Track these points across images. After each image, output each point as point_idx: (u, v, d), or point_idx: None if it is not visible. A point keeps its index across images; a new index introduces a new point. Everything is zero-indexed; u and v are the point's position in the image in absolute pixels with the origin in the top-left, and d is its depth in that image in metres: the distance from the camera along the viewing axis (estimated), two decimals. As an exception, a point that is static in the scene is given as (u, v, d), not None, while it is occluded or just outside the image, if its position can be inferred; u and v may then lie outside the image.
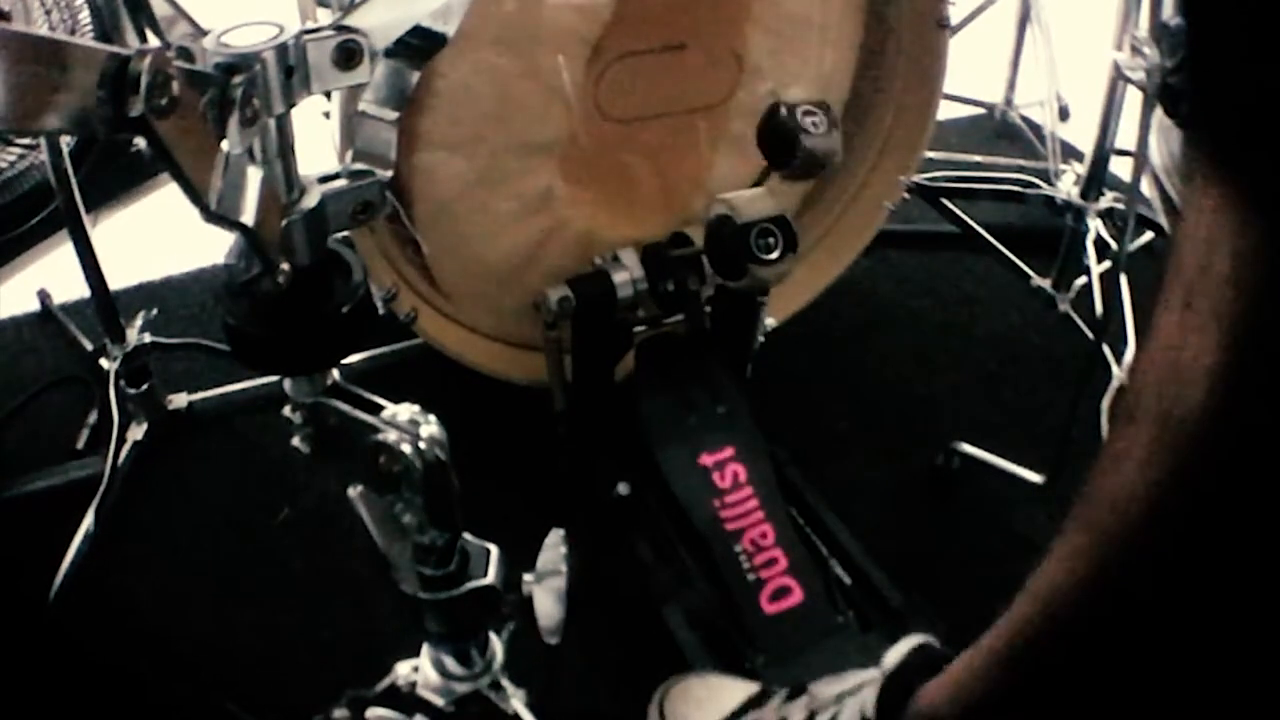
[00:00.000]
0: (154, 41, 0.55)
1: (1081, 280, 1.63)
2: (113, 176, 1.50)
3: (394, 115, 0.64)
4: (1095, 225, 1.67)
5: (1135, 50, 1.40)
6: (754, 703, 0.98)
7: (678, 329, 1.29)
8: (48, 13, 1.37)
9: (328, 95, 0.84)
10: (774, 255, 1.14)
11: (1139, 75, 1.37)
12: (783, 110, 1.12)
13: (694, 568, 1.15)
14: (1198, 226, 0.54)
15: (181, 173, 0.49)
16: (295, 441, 0.69)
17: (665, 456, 1.19)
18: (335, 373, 0.67)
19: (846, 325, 1.66)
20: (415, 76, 0.64)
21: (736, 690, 1.01)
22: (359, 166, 0.64)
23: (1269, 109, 0.52)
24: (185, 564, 1.28)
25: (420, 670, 0.82)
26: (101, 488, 1.32)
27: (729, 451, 1.20)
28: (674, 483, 1.17)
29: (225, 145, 0.51)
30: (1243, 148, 0.54)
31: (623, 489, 1.22)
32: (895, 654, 0.83)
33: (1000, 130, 2.18)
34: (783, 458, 1.27)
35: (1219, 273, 0.51)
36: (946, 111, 1.70)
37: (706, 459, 1.19)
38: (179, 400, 1.46)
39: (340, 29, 0.57)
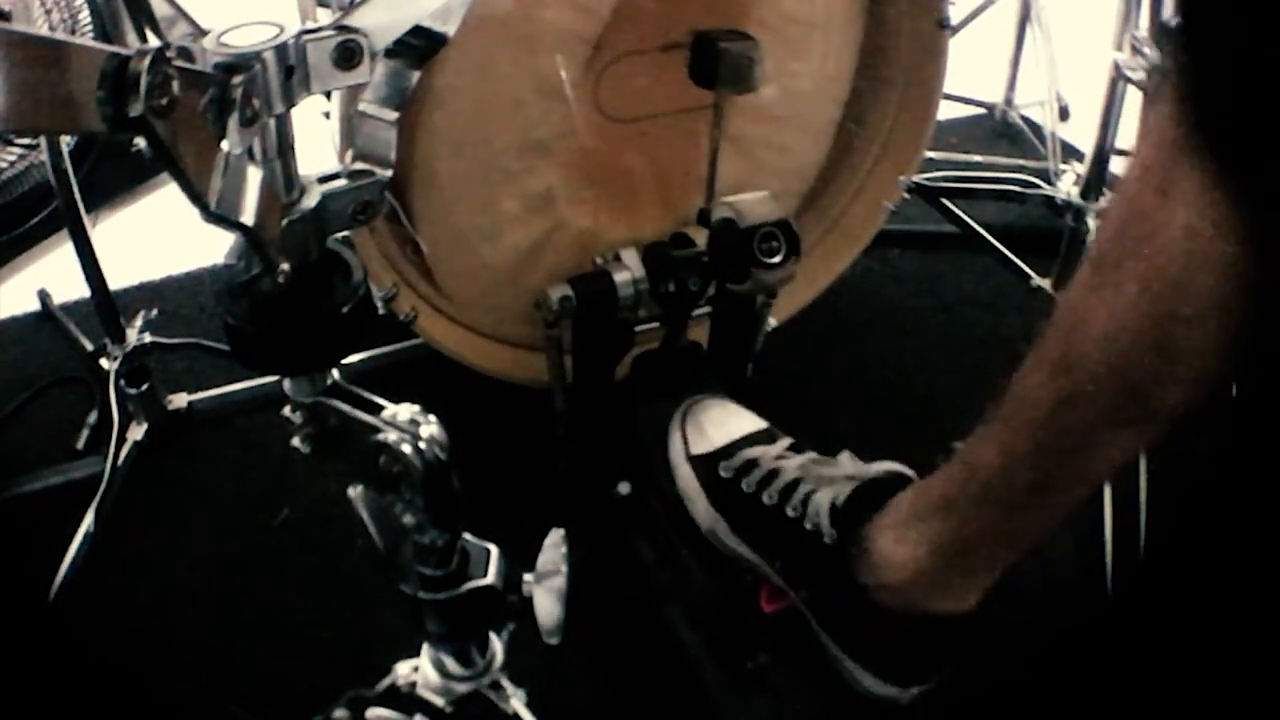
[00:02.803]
0: (154, 41, 0.54)
1: (1081, 280, 1.63)
2: (113, 176, 1.50)
3: (394, 115, 0.64)
4: (1095, 225, 1.67)
5: (1135, 50, 1.40)
6: (761, 438, 1.11)
7: (675, 338, 1.29)
8: (48, 13, 1.36)
9: (328, 95, 0.84)
10: (777, 259, 1.15)
11: (1139, 75, 1.37)
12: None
13: (695, 566, 1.15)
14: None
15: (181, 173, 0.49)
16: (295, 441, 0.69)
17: (660, 467, 1.19)
18: (335, 373, 0.67)
19: (846, 325, 1.65)
20: (415, 76, 0.64)
21: (747, 421, 1.15)
22: (359, 166, 0.64)
23: (1267, 108, 0.52)
24: (185, 564, 1.28)
25: (420, 670, 0.82)
26: (101, 488, 1.32)
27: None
28: (669, 489, 1.17)
29: (225, 145, 0.51)
30: (1240, 147, 0.54)
31: (623, 489, 1.22)
32: (876, 468, 0.98)
33: (1000, 130, 2.19)
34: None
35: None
36: (946, 111, 1.70)
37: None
38: (179, 400, 1.46)
39: (340, 29, 0.56)
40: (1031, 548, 0.85)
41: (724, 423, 1.15)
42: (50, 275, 1.63)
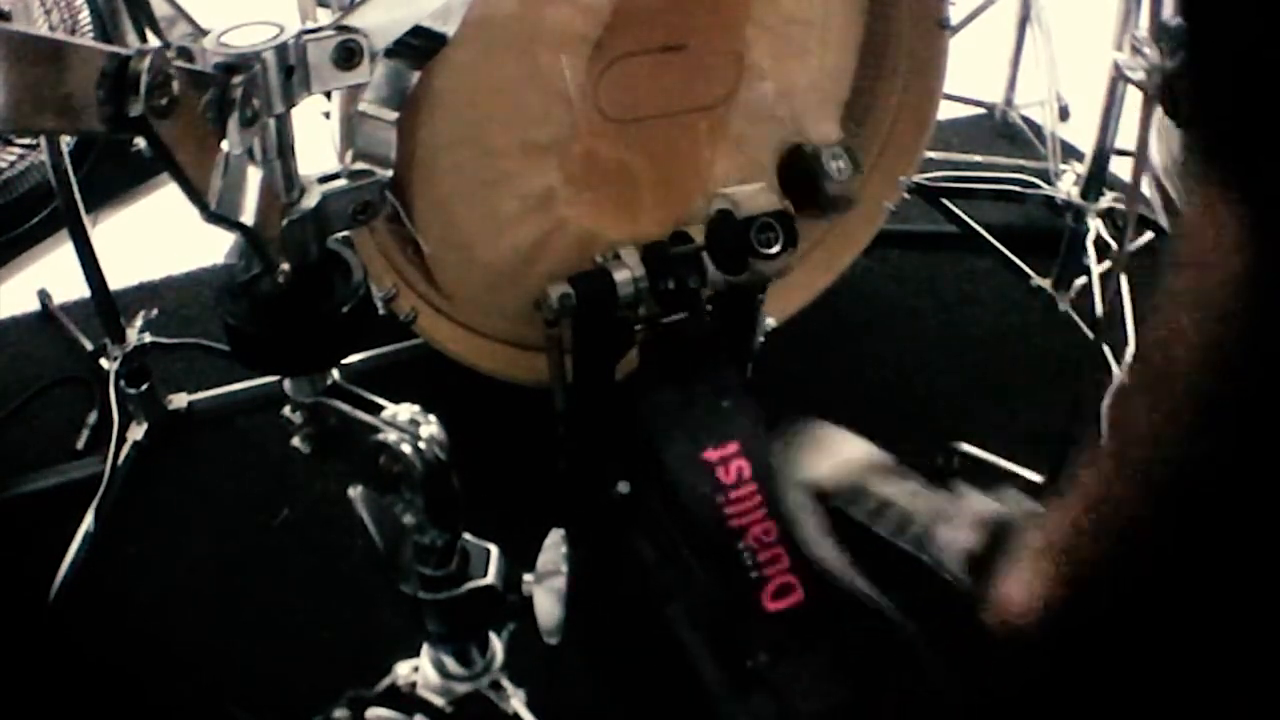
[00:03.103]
0: (154, 41, 0.54)
1: (1081, 280, 1.63)
2: (113, 176, 1.50)
3: (394, 115, 0.64)
4: (1095, 225, 1.67)
5: (1135, 50, 1.40)
6: (874, 466, 1.07)
7: (681, 326, 1.29)
8: (48, 13, 1.36)
9: (328, 95, 0.84)
10: (774, 250, 1.15)
11: (1139, 75, 1.37)
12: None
13: (695, 566, 1.15)
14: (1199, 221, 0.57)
15: (181, 173, 0.49)
16: (295, 441, 0.69)
17: (669, 451, 1.18)
18: (335, 373, 0.67)
19: (846, 325, 1.65)
20: (415, 76, 0.64)
21: (859, 447, 1.10)
22: (359, 166, 0.64)
23: (1267, 108, 0.52)
24: (185, 564, 1.28)
25: (420, 670, 0.82)
26: (101, 488, 1.32)
27: (733, 447, 1.20)
28: (677, 478, 1.17)
29: (225, 145, 0.51)
30: (1241, 147, 0.54)
31: (623, 488, 1.22)
32: (1007, 508, 0.94)
33: (1000, 130, 2.18)
34: (783, 458, 1.27)
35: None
36: (946, 111, 1.70)
37: (710, 454, 1.19)
38: (179, 400, 1.46)
39: (340, 29, 0.56)
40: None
41: (836, 448, 1.12)
42: (50, 275, 1.63)
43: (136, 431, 1.40)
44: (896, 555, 0.98)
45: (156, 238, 1.69)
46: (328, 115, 1.19)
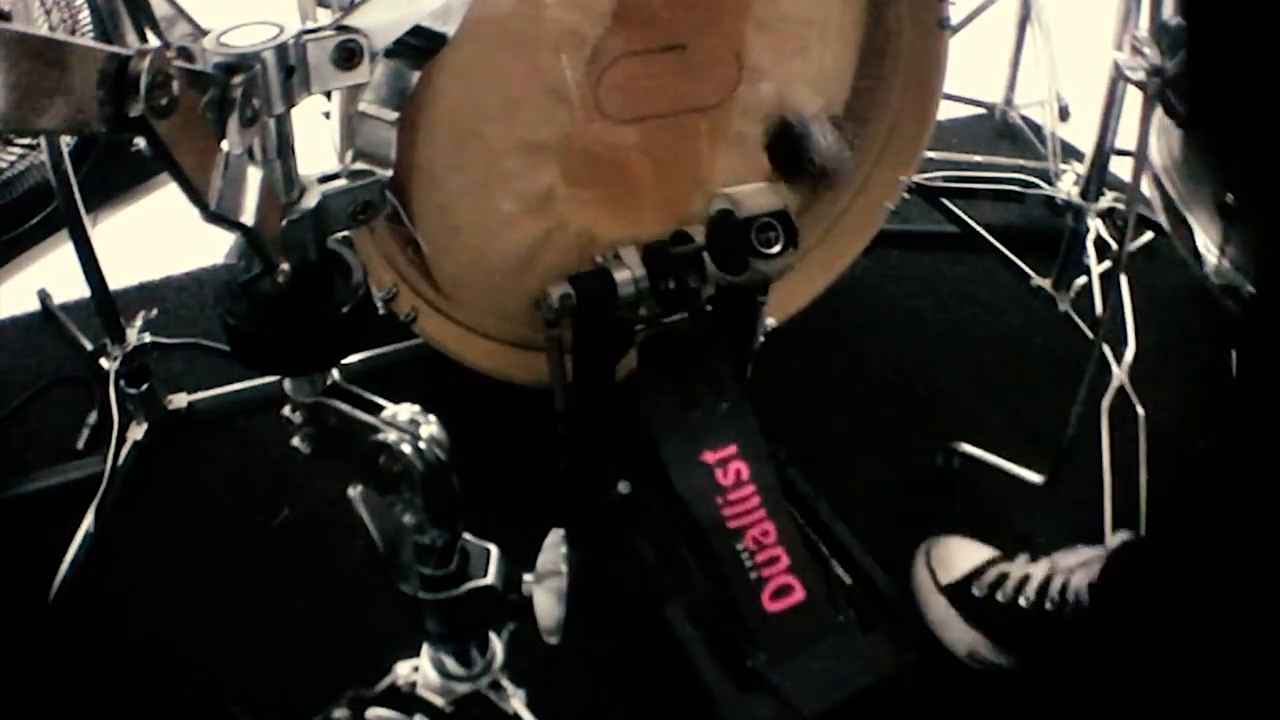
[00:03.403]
0: (154, 41, 0.54)
1: (1081, 280, 1.63)
2: (113, 176, 1.50)
3: (394, 115, 0.64)
4: (1095, 225, 1.67)
5: (1135, 50, 1.40)
6: (1001, 560, 1.18)
7: (681, 326, 1.29)
8: (48, 13, 1.36)
9: (328, 95, 0.84)
10: (775, 250, 1.14)
11: (1139, 75, 1.37)
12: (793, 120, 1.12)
13: (695, 566, 1.15)
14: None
15: (181, 173, 0.49)
16: (295, 441, 0.69)
17: (668, 453, 1.18)
18: (335, 373, 0.67)
19: (846, 325, 1.66)
20: (415, 76, 0.64)
21: (984, 550, 1.22)
22: (359, 166, 0.64)
23: (1266, 108, 0.52)
24: (185, 564, 1.28)
25: (420, 670, 0.82)
26: (101, 488, 1.32)
27: (731, 449, 1.20)
28: (676, 479, 1.17)
29: (225, 145, 0.51)
30: (1240, 149, 0.54)
31: (623, 488, 1.22)
32: (1119, 537, 1.06)
33: (1000, 130, 2.18)
34: (783, 458, 1.26)
35: None
36: (946, 111, 1.70)
37: (709, 456, 1.19)
38: (179, 400, 1.46)
39: (340, 29, 0.56)
40: None
41: (965, 553, 1.21)
42: (50, 275, 1.63)
43: (136, 431, 1.40)
44: (1044, 617, 1.08)
45: (156, 238, 1.69)
46: (328, 115, 1.19)
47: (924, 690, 1.11)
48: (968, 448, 1.37)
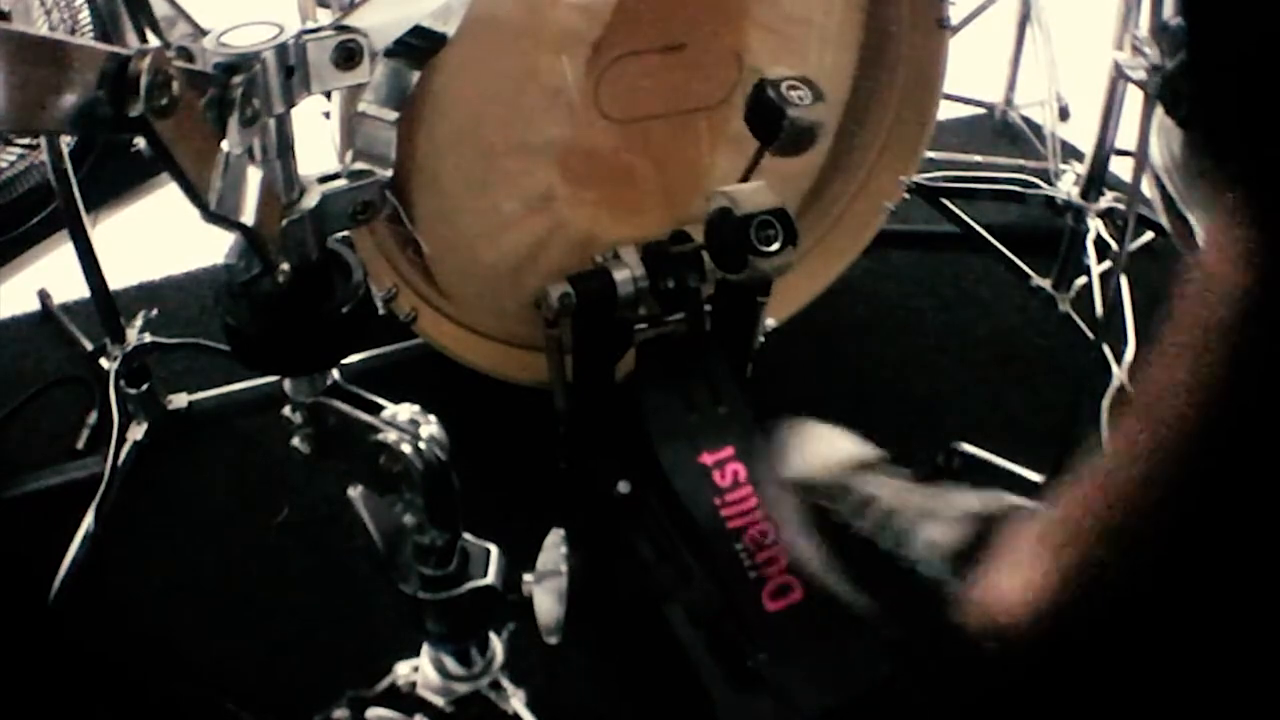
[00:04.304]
0: (154, 41, 0.54)
1: (1081, 280, 1.63)
2: (113, 176, 1.50)
3: (394, 115, 0.64)
4: (1095, 225, 1.67)
5: (1135, 50, 1.40)
6: (861, 463, 1.04)
7: (679, 329, 1.29)
8: (48, 13, 1.36)
9: (328, 95, 0.84)
10: (774, 247, 1.14)
11: (1139, 75, 1.37)
12: (768, 87, 1.12)
13: (695, 566, 1.15)
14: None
15: (181, 173, 0.49)
16: (295, 441, 0.69)
17: (666, 455, 1.19)
18: (335, 373, 0.67)
19: (846, 325, 1.66)
20: (415, 76, 0.64)
21: (846, 444, 1.08)
22: (359, 166, 0.64)
23: (1268, 108, 0.52)
24: (185, 564, 1.28)
25: (420, 670, 0.82)
26: (101, 488, 1.32)
27: (729, 451, 1.20)
28: (675, 481, 1.17)
29: (225, 145, 0.51)
30: (1242, 149, 0.54)
31: (623, 488, 1.22)
32: (992, 504, 0.89)
33: (1000, 130, 2.18)
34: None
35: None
36: (946, 111, 1.70)
37: (707, 458, 1.19)
38: (179, 400, 1.46)
39: (340, 29, 0.56)
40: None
41: (822, 446, 1.11)
42: (50, 275, 1.63)
43: (136, 431, 1.40)
44: (878, 554, 0.98)
45: (156, 238, 1.69)
46: (328, 115, 1.19)
47: (923, 690, 1.11)
48: (968, 448, 1.37)
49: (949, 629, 0.88)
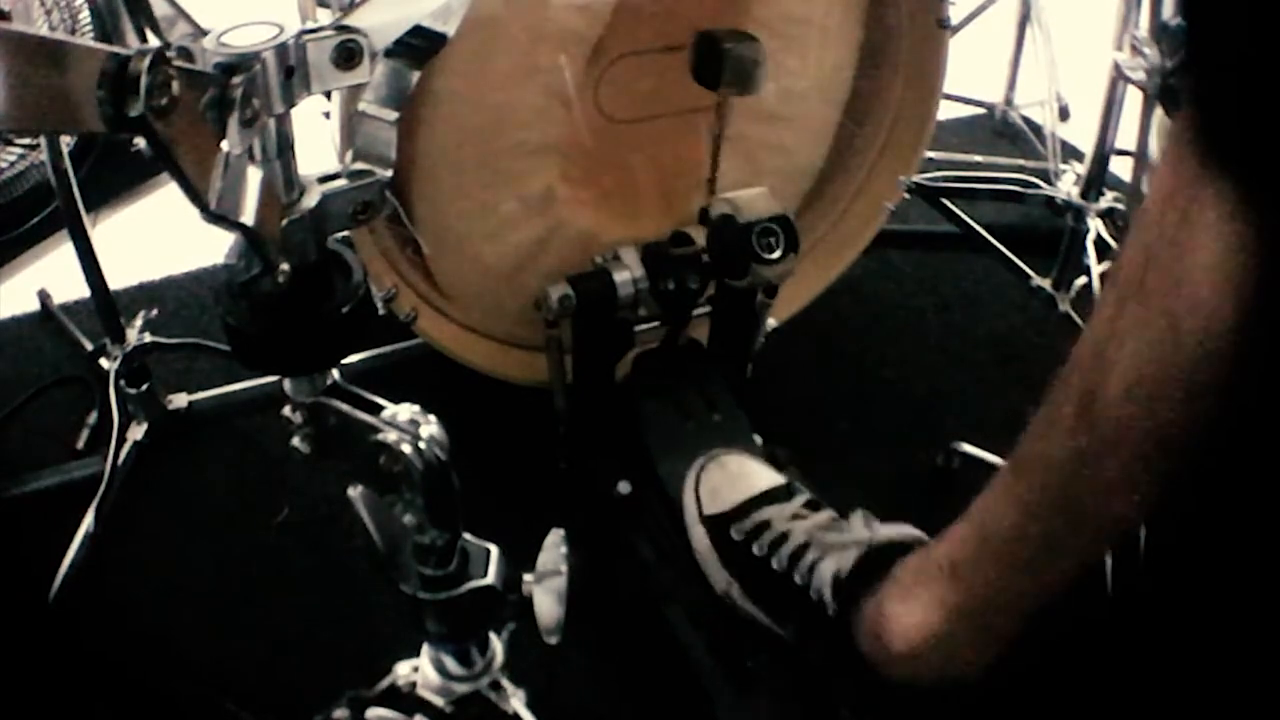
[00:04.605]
0: (154, 41, 0.54)
1: (1081, 280, 1.63)
2: (113, 176, 1.50)
3: (394, 115, 0.64)
4: (1095, 225, 1.67)
5: (1135, 50, 1.40)
6: (776, 495, 1.08)
7: (674, 338, 1.29)
8: (48, 13, 1.37)
9: (328, 95, 0.84)
10: (776, 254, 1.14)
11: (1139, 75, 1.37)
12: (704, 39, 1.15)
13: (695, 566, 1.15)
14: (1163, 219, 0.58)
15: (181, 173, 0.49)
16: (295, 441, 0.69)
17: (663, 467, 1.19)
18: (335, 373, 0.67)
19: (846, 325, 1.66)
20: (415, 76, 0.64)
21: (763, 478, 1.12)
22: (359, 166, 0.64)
23: (1268, 108, 0.52)
24: (185, 564, 1.28)
25: (420, 670, 0.82)
26: (101, 488, 1.32)
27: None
28: (671, 492, 1.17)
29: (225, 145, 0.51)
30: (1240, 146, 0.54)
31: (623, 488, 1.22)
32: (883, 533, 0.94)
33: (1000, 130, 2.18)
34: (783, 457, 1.26)
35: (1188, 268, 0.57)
36: (946, 111, 1.70)
37: (704, 463, 1.19)
38: (179, 400, 1.46)
39: (340, 29, 0.56)
40: (1039, 612, 0.79)
41: (738, 481, 1.12)
42: (50, 275, 1.63)
43: (136, 431, 1.40)
44: (791, 589, 0.97)
45: (156, 238, 1.69)
46: (328, 115, 1.19)
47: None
48: (968, 448, 1.37)
49: (851, 658, 0.89)
